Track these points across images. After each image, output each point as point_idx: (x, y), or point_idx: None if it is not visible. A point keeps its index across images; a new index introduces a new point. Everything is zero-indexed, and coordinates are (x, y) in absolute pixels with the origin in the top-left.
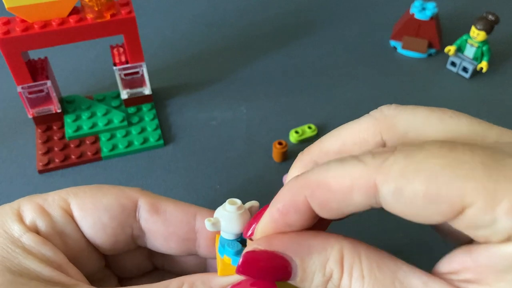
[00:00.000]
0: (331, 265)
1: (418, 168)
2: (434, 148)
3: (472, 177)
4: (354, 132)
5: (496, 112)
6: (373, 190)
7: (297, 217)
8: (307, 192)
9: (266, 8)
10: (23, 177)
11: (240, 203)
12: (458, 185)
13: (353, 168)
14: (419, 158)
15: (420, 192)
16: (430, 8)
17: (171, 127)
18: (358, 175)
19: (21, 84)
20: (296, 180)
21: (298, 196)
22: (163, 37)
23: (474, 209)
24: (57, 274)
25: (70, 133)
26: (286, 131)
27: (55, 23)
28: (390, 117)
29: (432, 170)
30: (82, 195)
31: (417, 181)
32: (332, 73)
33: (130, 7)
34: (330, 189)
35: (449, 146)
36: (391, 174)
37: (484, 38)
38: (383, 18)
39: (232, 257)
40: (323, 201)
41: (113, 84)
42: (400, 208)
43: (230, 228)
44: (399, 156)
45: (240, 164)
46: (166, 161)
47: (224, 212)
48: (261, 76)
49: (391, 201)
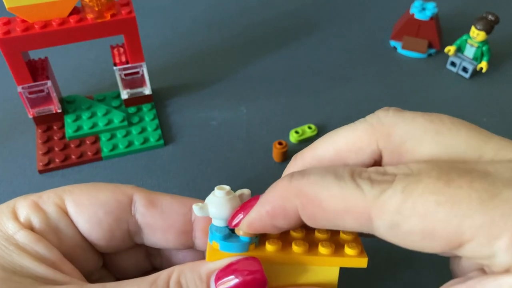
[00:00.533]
0: None
1: (414, 205)
2: (431, 181)
3: (469, 215)
4: (349, 139)
5: (496, 112)
6: (367, 221)
7: (284, 222)
8: (299, 202)
9: (266, 8)
10: (23, 177)
11: (229, 189)
12: (455, 223)
13: (350, 194)
14: (416, 193)
15: (417, 228)
16: (430, 8)
17: (171, 127)
18: (354, 203)
19: (22, 84)
20: (290, 184)
21: (289, 203)
22: (163, 37)
23: (472, 245)
24: (51, 271)
25: (70, 133)
26: (286, 131)
27: (55, 23)
28: (387, 126)
29: (428, 208)
30: (77, 191)
31: (414, 218)
32: (332, 73)
33: (130, 7)
34: (323, 207)
35: (446, 180)
36: (387, 209)
37: (484, 38)
38: (383, 18)
39: (219, 242)
40: (314, 216)
41: (113, 84)
42: (396, 240)
43: (218, 213)
44: (397, 190)
45: (240, 164)
46: (166, 161)
47: (213, 197)
48: (261, 76)
49: (386, 234)
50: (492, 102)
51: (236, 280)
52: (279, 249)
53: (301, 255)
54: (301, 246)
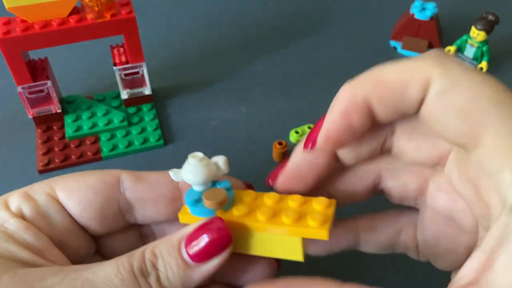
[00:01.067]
0: None
1: (469, 84)
2: (488, 80)
3: (503, 124)
4: None
5: None
6: (427, 84)
7: (359, 117)
8: (366, 89)
9: (266, 8)
10: (23, 177)
11: (202, 156)
12: (488, 121)
13: (413, 63)
14: (474, 79)
15: (460, 103)
16: (430, 8)
17: (171, 127)
18: (418, 69)
19: (21, 84)
20: (351, 82)
21: (357, 96)
22: (163, 37)
23: (486, 150)
24: (37, 258)
25: (70, 133)
26: (286, 131)
27: (55, 23)
28: None
29: (477, 94)
30: (66, 179)
31: (463, 93)
32: (332, 73)
33: (130, 7)
34: (389, 83)
35: (503, 87)
36: (446, 76)
37: (484, 38)
38: (383, 18)
39: (190, 207)
40: (382, 95)
41: (113, 84)
42: (434, 110)
43: (193, 179)
44: (458, 67)
45: (240, 164)
46: (166, 161)
47: (187, 165)
48: (261, 76)
49: (435, 99)
50: None
51: (203, 241)
52: (244, 215)
53: (263, 222)
54: (265, 214)
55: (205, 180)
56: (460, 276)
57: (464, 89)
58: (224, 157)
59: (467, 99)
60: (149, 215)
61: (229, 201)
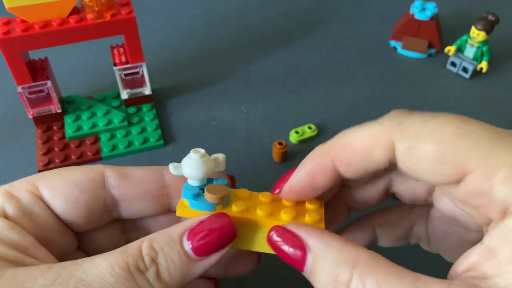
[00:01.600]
0: (342, 268)
1: (431, 131)
2: (448, 117)
3: (477, 147)
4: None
5: (496, 112)
6: (391, 147)
7: (323, 179)
8: (334, 154)
9: (266, 8)
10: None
11: (204, 152)
12: (464, 152)
13: (374, 128)
14: (434, 124)
15: (430, 152)
16: (430, 8)
17: (171, 127)
18: (379, 134)
19: (21, 84)
20: (322, 146)
21: (325, 159)
22: (163, 37)
23: (474, 176)
24: (22, 256)
25: (70, 133)
26: (286, 131)
27: (55, 23)
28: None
29: (443, 135)
30: (49, 176)
31: (429, 142)
32: (332, 73)
33: (130, 7)
34: (355, 149)
35: (462, 119)
36: (407, 134)
37: (484, 38)
38: (383, 18)
39: (189, 200)
40: (349, 161)
41: (113, 84)
42: (411, 165)
43: (192, 174)
44: (416, 120)
45: (240, 164)
46: (166, 161)
47: (188, 159)
48: (261, 76)
49: (405, 157)
50: (492, 102)
51: (209, 235)
52: (244, 211)
53: (263, 218)
54: (264, 210)
55: (204, 176)
56: (460, 263)
57: (429, 136)
58: (223, 155)
59: (435, 145)
60: (135, 212)
61: (229, 195)
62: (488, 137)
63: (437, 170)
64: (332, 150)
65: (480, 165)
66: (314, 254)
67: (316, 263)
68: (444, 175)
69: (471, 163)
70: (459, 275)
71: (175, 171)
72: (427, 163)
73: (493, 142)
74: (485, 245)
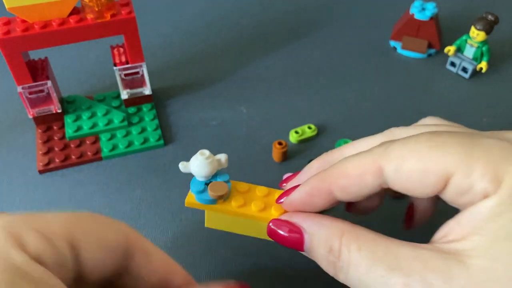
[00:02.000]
0: (333, 240)
1: (411, 151)
2: (423, 136)
3: (452, 154)
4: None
5: (495, 112)
6: (380, 171)
7: (320, 200)
8: (331, 180)
9: (266, 8)
10: (23, 177)
11: (209, 154)
12: (441, 160)
13: (364, 157)
14: (411, 143)
15: (414, 167)
16: (430, 8)
17: (171, 127)
18: (369, 162)
19: (22, 84)
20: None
21: (323, 184)
22: (163, 37)
23: (455, 178)
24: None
25: (70, 133)
26: (286, 131)
27: (55, 23)
28: None
29: (421, 151)
30: (86, 228)
31: (411, 161)
32: (332, 73)
33: (130, 7)
34: (349, 175)
35: (436, 133)
36: (392, 158)
37: (484, 38)
38: (383, 18)
39: (196, 194)
40: (343, 186)
41: (114, 84)
42: (401, 183)
43: (199, 172)
44: (397, 143)
45: (240, 164)
46: (166, 161)
47: (195, 160)
48: (261, 76)
49: (393, 178)
50: (492, 102)
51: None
52: (241, 206)
53: (257, 212)
54: (258, 206)
55: (209, 174)
56: (436, 233)
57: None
58: (225, 155)
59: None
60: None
61: (228, 191)
62: (459, 143)
63: (424, 182)
64: (330, 176)
65: (458, 167)
66: (309, 233)
67: (313, 240)
68: (431, 185)
69: (450, 168)
70: (433, 242)
71: (184, 169)
72: (414, 178)
73: (464, 145)
74: (457, 219)
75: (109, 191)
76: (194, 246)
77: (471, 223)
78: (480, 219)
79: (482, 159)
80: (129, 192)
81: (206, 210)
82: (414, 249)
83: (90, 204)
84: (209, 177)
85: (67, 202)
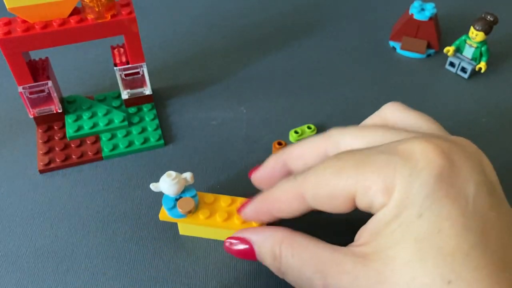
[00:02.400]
0: (275, 248)
1: (321, 179)
2: (328, 162)
3: (351, 176)
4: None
5: (494, 112)
6: (303, 198)
7: (264, 217)
8: (269, 205)
9: (266, 8)
10: (24, 177)
11: (175, 175)
12: (342, 184)
13: (291, 186)
14: (321, 171)
15: (325, 194)
16: (429, 8)
17: (172, 127)
18: (294, 190)
19: (22, 84)
20: (263, 195)
21: (264, 206)
22: (164, 37)
23: (358, 197)
24: None
25: (71, 133)
26: (286, 131)
27: (56, 24)
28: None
29: (328, 178)
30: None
31: (322, 188)
32: (331, 73)
33: (130, 7)
34: (281, 201)
35: (337, 157)
36: (308, 186)
37: (483, 39)
38: (382, 18)
39: (167, 210)
40: (279, 209)
41: (114, 84)
42: (320, 206)
43: (168, 191)
44: (311, 173)
45: (240, 164)
46: (167, 161)
47: (164, 182)
48: (261, 76)
49: (314, 203)
50: (491, 103)
51: None
52: (208, 217)
53: (221, 222)
54: (222, 216)
55: (177, 192)
56: (356, 238)
57: (320, 184)
58: (191, 173)
59: (325, 188)
60: None
61: (195, 205)
62: (354, 165)
63: (335, 204)
64: (266, 200)
65: (357, 188)
66: (257, 245)
67: (261, 251)
68: (342, 205)
69: (351, 189)
70: (349, 247)
71: (155, 189)
72: (328, 202)
73: (359, 167)
74: (365, 226)
75: (109, 190)
76: (194, 245)
77: (372, 230)
78: (378, 227)
79: (374, 176)
80: (129, 192)
81: (179, 223)
82: (333, 253)
83: (90, 203)
84: (178, 194)
85: (67, 201)
